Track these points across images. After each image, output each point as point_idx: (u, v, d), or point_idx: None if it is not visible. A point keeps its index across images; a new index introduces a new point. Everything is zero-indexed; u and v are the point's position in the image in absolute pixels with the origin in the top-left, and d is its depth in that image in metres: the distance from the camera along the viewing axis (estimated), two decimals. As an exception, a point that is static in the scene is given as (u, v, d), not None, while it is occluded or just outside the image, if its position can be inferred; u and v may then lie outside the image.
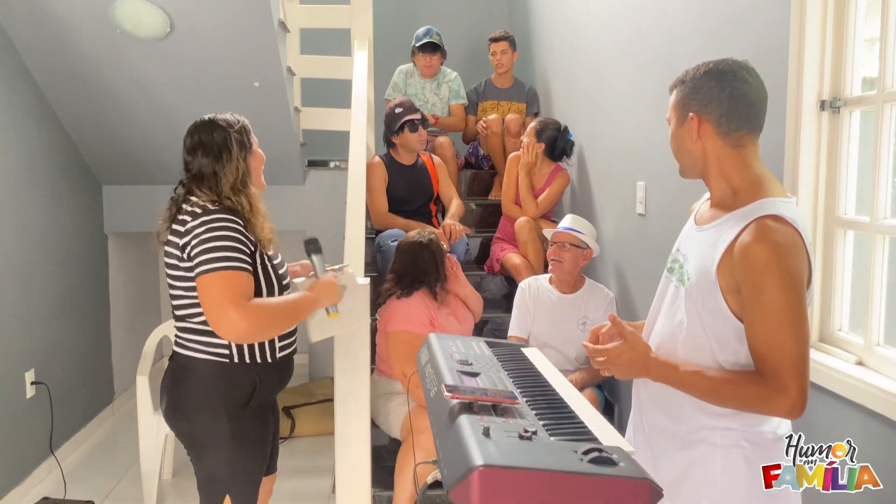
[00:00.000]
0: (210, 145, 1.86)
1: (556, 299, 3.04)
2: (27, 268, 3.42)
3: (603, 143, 3.27)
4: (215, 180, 1.84)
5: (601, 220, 3.27)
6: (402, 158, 3.69)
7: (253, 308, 1.73)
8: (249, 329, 1.72)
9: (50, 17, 3.11)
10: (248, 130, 1.95)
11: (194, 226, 1.77)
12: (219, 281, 1.71)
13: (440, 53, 4.32)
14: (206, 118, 1.92)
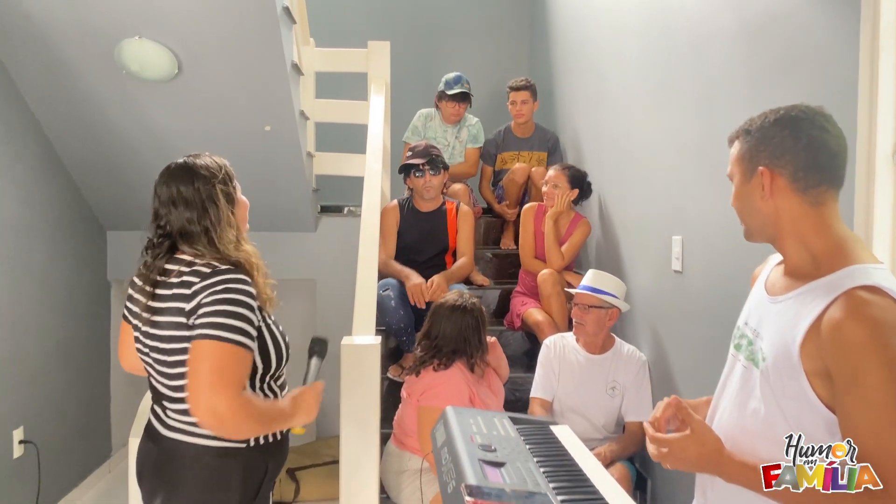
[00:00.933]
0: (191, 199, 1.60)
1: (582, 360, 2.80)
2: (22, 317, 3.24)
3: (633, 193, 3.06)
4: (207, 238, 1.59)
5: (631, 275, 3.04)
6: (420, 204, 3.50)
7: (244, 402, 1.48)
8: (229, 423, 1.46)
9: (54, 57, 2.99)
10: (232, 176, 1.69)
11: (207, 284, 1.52)
12: (222, 354, 1.47)
13: (468, 104, 4.19)
14: (182, 163, 1.65)
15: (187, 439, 1.58)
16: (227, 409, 1.44)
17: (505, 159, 4.28)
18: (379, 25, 5.24)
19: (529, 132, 4.24)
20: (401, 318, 3.20)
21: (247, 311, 1.52)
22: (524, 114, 4.14)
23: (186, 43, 2.96)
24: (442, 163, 3.41)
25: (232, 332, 1.48)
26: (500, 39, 5.60)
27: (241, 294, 1.52)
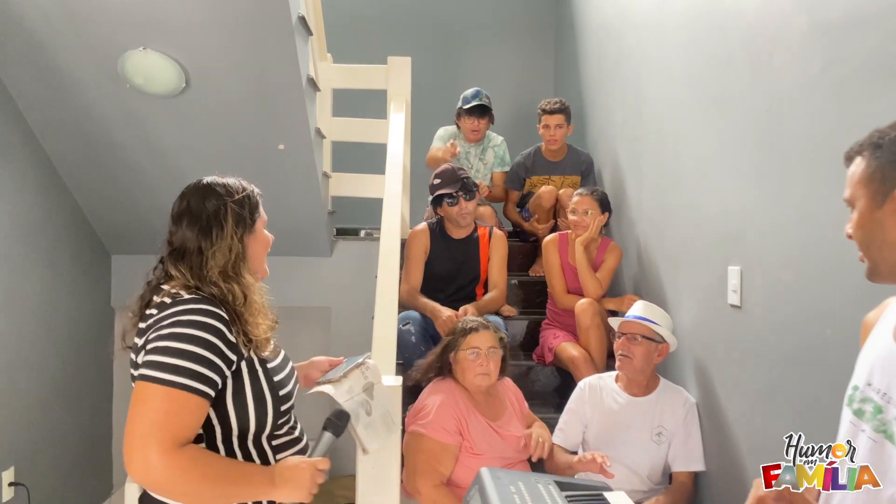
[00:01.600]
0: (198, 215, 1.45)
1: (624, 403, 2.52)
2: (16, 347, 3.02)
3: (679, 218, 2.80)
4: (200, 260, 1.40)
5: (676, 310, 2.76)
6: (451, 230, 3.25)
7: (186, 455, 1.24)
8: (162, 479, 1.23)
9: (54, 70, 2.80)
10: (254, 203, 1.51)
11: (157, 320, 1.31)
12: (156, 400, 1.24)
13: (488, 118, 3.93)
14: (202, 181, 1.51)
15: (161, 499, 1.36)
16: (158, 463, 1.20)
17: (534, 183, 4.01)
18: (398, 41, 5.03)
19: (561, 155, 3.96)
20: (421, 354, 2.92)
21: (202, 349, 1.28)
22: (557, 139, 3.85)
23: (194, 55, 2.76)
24: (473, 184, 3.18)
25: (174, 373, 1.25)
26: (526, 56, 5.39)
27: (197, 328, 1.29)
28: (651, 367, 2.51)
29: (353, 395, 1.69)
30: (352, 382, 1.72)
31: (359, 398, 1.70)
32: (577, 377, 2.95)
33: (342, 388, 1.67)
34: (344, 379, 1.70)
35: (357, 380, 1.73)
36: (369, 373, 1.77)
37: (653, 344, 2.49)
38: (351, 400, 1.67)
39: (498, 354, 2.43)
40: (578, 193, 3.20)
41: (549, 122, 3.85)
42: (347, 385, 1.69)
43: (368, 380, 1.76)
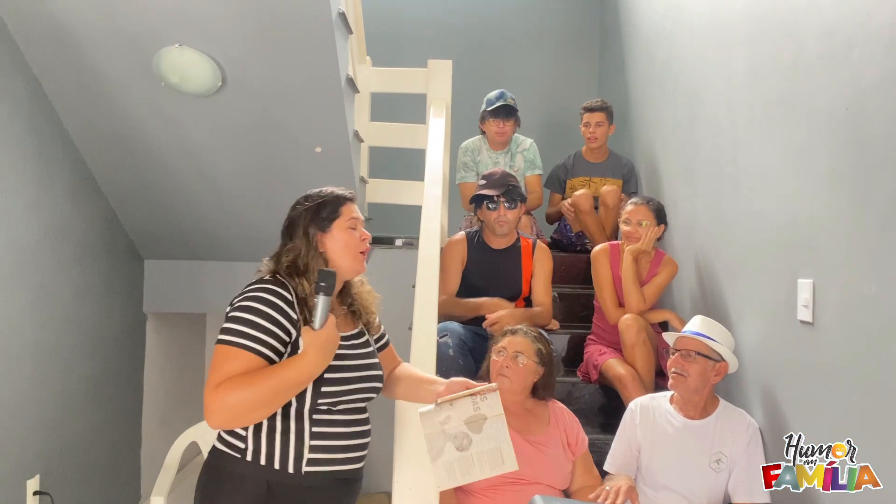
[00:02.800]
0: (288, 221, 1.72)
1: (679, 426, 2.33)
2: (45, 353, 2.95)
3: (740, 228, 2.61)
4: (279, 256, 1.68)
5: (737, 327, 2.56)
6: (490, 239, 3.08)
7: (226, 388, 1.47)
8: (223, 411, 1.48)
9: (88, 68, 2.74)
10: (333, 206, 1.70)
11: (236, 296, 1.60)
12: (218, 357, 1.52)
13: (514, 120, 3.76)
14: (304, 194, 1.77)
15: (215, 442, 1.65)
16: (210, 400, 1.46)
17: (574, 185, 3.87)
18: (437, 46, 4.93)
19: (602, 157, 3.85)
20: (459, 368, 2.77)
21: (262, 319, 1.53)
22: (598, 137, 3.77)
23: (231, 52, 2.67)
24: (520, 195, 3.00)
25: (236, 335, 1.52)
26: (568, 61, 5.24)
27: (256, 301, 1.55)
28: (708, 388, 2.32)
29: (447, 426, 1.61)
30: (453, 411, 1.62)
31: (453, 430, 1.60)
32: (625, 397, 2.78)
33: (436, 416, 1.61)
34: (447, 405, 1.62)
35: (463, 409, 1.62)
36: (484, 404, 1.63)
37: (709, 362, 2.30)
38: (439, 432, 1.60)
39: (528, 366, 2.26)
40: (633, 202, 3.02)
41: (589, 119, 3.78)
42: (445, 414, 1.61)
43: (479, 411, 1.63)
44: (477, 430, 1.61)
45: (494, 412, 1.64)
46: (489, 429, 1.62)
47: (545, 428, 2.28)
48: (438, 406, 1.62)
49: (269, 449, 1.55)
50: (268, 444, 1.56)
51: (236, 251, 3.82)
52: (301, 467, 1.56)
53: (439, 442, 1.59)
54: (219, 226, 3.62)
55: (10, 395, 2.73)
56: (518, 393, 2.26)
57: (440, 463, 1.59)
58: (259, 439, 1.56)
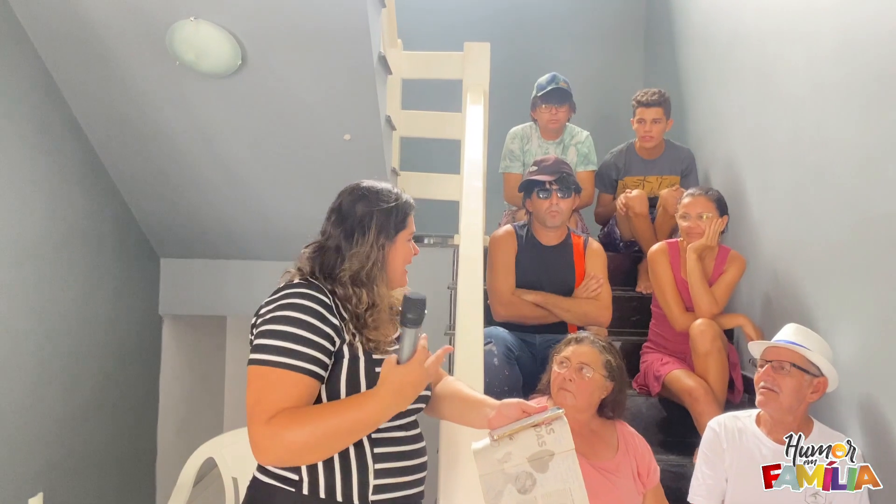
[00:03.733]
0: (346, 216, 1.46)
1: (768, 453, 1.99)
2: (51, 358, 2.71)
3: (828, 221, 2.28)
4: (335, 258, 1.44)
5: (827, 336, 2.19)
6: (541, 235, 2.77)
7: (282, 424, 1.26)
8: (275, 451, 1.28)
9: (97, 49, 2.50)
10: (403, 213, 1.50)
11: (267, 302, 1.39)
12: (264, 381, 1.30)
13: (568, 106, 3.44)
14: (360, 183, 1.52)
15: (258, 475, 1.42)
16: (263, 437, 1.26)
17: (627, 185, 3.51)
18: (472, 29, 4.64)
19: (658, 152, 3.45)
20: (505, 379, 2.48)
21: (303, 330, 1.32)
22: (654, 136, 3.35)
23: (252, 27, 2.41)
24: (574, 184, 2.69)
25: (277, 354, 1.30)
26: (611, 43, 4.90)
27: (298, 310, 1.34)
28: (803, 407, 1.99)
29: (507, 465, 1.34)
30: (513, 447, 1.35)
31: (515, 470, 1.34)
32: (696, 412, 2.46)
33: (494, 453, 1.36)
34: (507, 440, 1.35)
35: (525, 444, 1.36)
36: (550, 438, 1.36)
37: (806, 377, 1.96)
38: (498, 472, 1.34)
39: (595, 380, 1.95)
40: (690, 194, 2.70)
41: (644, 115, 3.34)
42: (505, 450, 1.35)
43: (545, 447, 1.36)
44: (542, 468, 1.35)
45: (563, 447, 1.37)
46: (557, 467, 1.36)
47: (613, 453, 1.97)
48: (496, 441, 1.36)
49: (329, 479, 1.35)
50: (326, 473, 1.35)
51: (258, 249, 3.56)
52: (368, 496, 1.36)
53: (498, 484, 1.35)
54: (239, 221, 3.36)
55: (11, 404, 2.50)
56: (582, 411, 1.95)
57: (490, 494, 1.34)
58: (315, 469, 1.35)
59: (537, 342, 2.65)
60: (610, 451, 1.98)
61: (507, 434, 1.35)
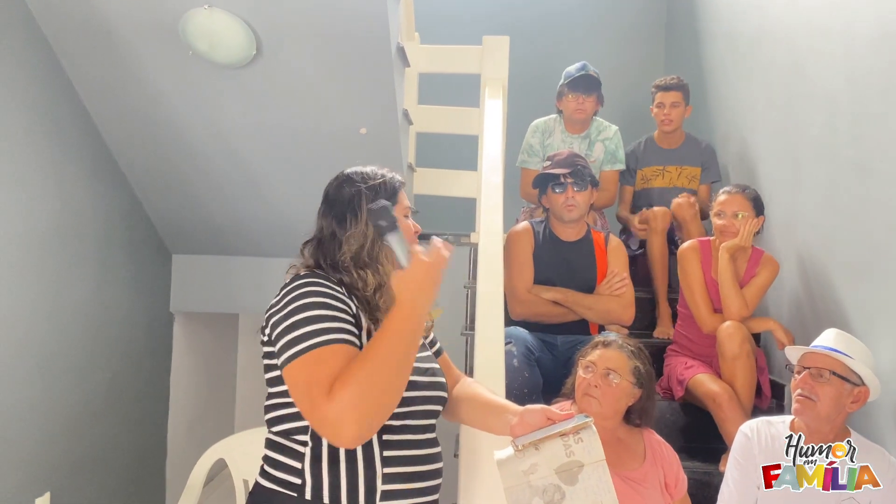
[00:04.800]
0: (334, 203, 1.44)
1: (803, 462, 1.91)
2: (59, 355, 2.65)
3: (866, 218, 2.18)
4: (333, 245, 1.41)
5: (863, 340, 2.09)
6: (560, 231, 2.68)
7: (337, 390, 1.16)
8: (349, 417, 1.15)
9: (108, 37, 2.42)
10: (391, 190, 1.45)
11: (276, 300, 1.33)
12: (307, 369, 1.21)
13: (596, 97, 3.31)
14: (342, 172, 1.51)
15: (259, 480, 1.35)
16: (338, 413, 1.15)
17: (646, 176, 3.42)
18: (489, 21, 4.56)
19: (678, 142, 3.38)
20: (524, 381, 2.39)
21: (324, 310, 1.27)
22: (673, 119, 3.30)
23: (267, 15, 2.33)
24: (590, 176, 2.60)
25: (310, 338, 1.23)
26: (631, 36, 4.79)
27: (312, 295, 1.29)
28: (842, 417, 1.89)
29: (534, 477, 1.25)
30: (539, 458, 1.26)
31: (542, 482, 1.25)
32: (721, 419, 2.38)
33: (518, 464, 1.27)
34: (533, 450, 1.26)
35: (552, 454, 1.27)
36: (579, 448, 1.27)
37: (846, 386, 1.86)
38: (524, 484, 1.25)
39: (622, 386, 1.87)
40: (726, 191, 2.60)
41: (663, 99, 3.31)
42: (531, 461, 1.26)
43: (574, 457, 1.27)
44: (571, 480, 1.26)
45: (593, 458, 1.28)
46: (587, 479, 1.27)
47: (640, 463, 1.88)
48: (521, 451, 1.27)
49: (334, 484, 1.26)
50: (331, 476, 1.27)
51: (271, 246, 3.49)
52: (374, 499, 1.27)
53: (524, 497, 1.26)
54: (252, 217, 3.29)
55: (18, 402, 2.43)
56: (608, 418, 1.86)
57: (511, 496, 1.26)
58: (319, 471, 1.27)
59: (559, 343, 2.56)
60: (637, 460, 1.89)
61: (532, 444, 1.27)
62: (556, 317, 2.58)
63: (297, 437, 1.29)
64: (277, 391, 1.32)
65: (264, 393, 1.38)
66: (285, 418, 1.30)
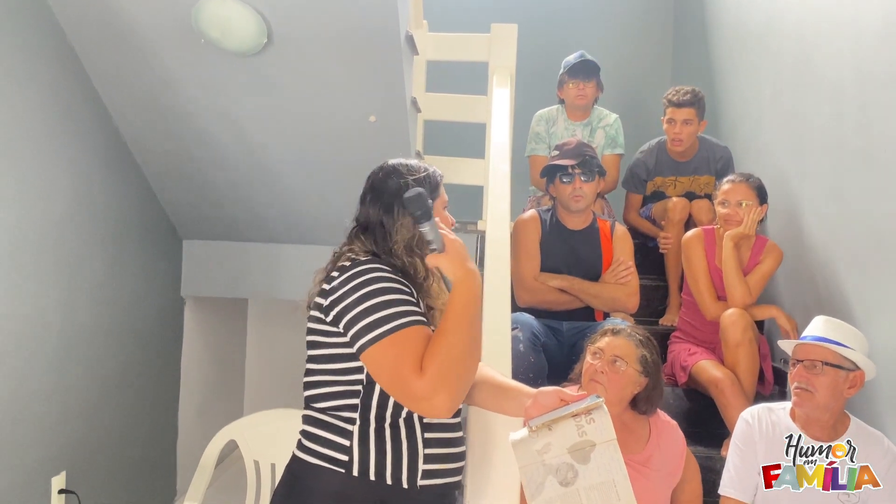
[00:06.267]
0: (380, 193, 1.47)
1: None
2: (72, 338, 2.69)
3: (869, 209, 2.21)
4: (384, 233, 1.44)
5: (866, 328, 2.13)
6: (566, 219, 2.72)
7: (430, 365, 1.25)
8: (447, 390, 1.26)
9: (122, 25, 2.45)
10: (434, 183, 1.51)
11: (340, 283, 1.36)
12: (392, 350, 1.28)
13: (595, 82, 3.35)
14: (386, 162, 1.54)
15: (302, 455, 1.40)
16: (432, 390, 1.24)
17: (658, 185, 3.36)
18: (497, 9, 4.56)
19: (691, 154, 3.25)
20: (530, 366, 2.43)
21: (394, 294, 1.33)
22: (684, 139, 3.13)
23: (278, 4, 2.35)
24: (597, 166, 2.63)
25: (390, 321, 1.29)
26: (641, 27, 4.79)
27: (382, 281, 1.34)
28: (840, 404, 1.92)
29: (547, 456, 1.30)
30: (552, 438, 1.30)
31: (555, 461, 1.29)
32: (723, 405, 2.42)
33: (532, 444, 1.31)
34: (546, 430, 1.30)
35: (565, 434, 1.31)
36: (591, 428, 1.31)
37: (841, 373, 1.89)
38: (538, 463, 1.30)
39: (628, 374, 1.90)
40: (730, 180, 2.63)
41: (675, 115, 3.12)
42: (544, 441, 1.30)
43: (586, 437, 1.31)
44: (584, 459, 1.30)
45: (605, 437, 1.32)
46: (599, 458, 1.31)
47: (643, 445, 1.92)
48: (535, 431, 1.32)
49: (380, 461, 1.34)
50: (377, 455, 1.34)
51: (281, 232, 3.54)
52: (416, 481, 1.35)
53: (538, 476, 1.30)
54: (262, 203, 3.33)
55: (34, 383, 2.48)
56: (613, 404, 1.90)
57: (542, 501, 1.29)
58: (367, 450, 1.34)
59: (564, 329, 2.60)
60: (640, 443, 1.93)
61: (545, 424, 1.32)
62: (563, 304, 2.61)
63: (344, 415, 1.36)
64: (323, 368, 1.38)
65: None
66: (332, 395, 1.37)
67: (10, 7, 2.27)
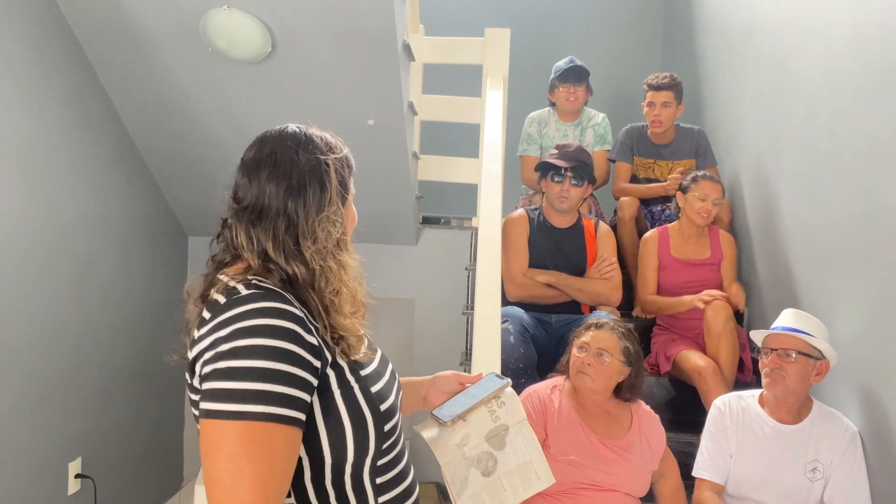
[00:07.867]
0: (287, 168, 1.06)
1: (770, 432, 2.10)
2: (86, 331, 2.83)
3: (837, 210, 2.35)
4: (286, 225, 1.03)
5: (828, 319, 2.28)
6: (553, 218, 2.87)
7: None
8: None
9: (134, 34, 2.58)
10: (350, 167, 1.15)
11: (209, 330, 0.96)
12: (233, 443, 0.89)
13: (585, 86, 3.50)
14: (287, 128, 1.14)
15: None
16: None
17: (637, 166, 3.56)
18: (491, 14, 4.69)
19: (668, 139, 3.43)
20: (520, 357, 2.58)
21: (281, 363, 0.92)
22: (663, 121, 3.30)
23: (281, 15, 2.48)
24: (589, 174, 2.77)
25: (252, 402, 0.90)
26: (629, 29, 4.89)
27: (266, 335, 0.93)
28: (806, 388, 2.09)
29: (467, 448, 1.25)
30: (469, 428, 1.26)
31: (475, 452, 1.25)
32: (704, 391, 2.56)
33: (450, 438, 1.25)
34: (461, 421, 1.26)
35: (479, 422, 1.27)
36: (502, 411, 1.29)
37: (810, 361, 2.05)
38: (458, 458, 1.24)
39: (612, 365, 2.05)
40: (710, 178, 2.87)
41: (654, 98, 3.31)
42: (461, 433, 1.25)
43: (500, 421, 1.28)
44: (500, 445, 1.27)
45: (516, 418, 1.29)
46: (514, 440, 1.28)
47: (625, 431, 2.07)
48: (451, 425, 1.26)
49: None
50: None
51: (282, 229, 3.66)
52: None
53: (462, 471, 1.24)
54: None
55: (51, 374, 2.63)
56: (599, 393, 2.05)
57: (467, 497, 1.23)
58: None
59: (553, 321, 2.75)
60: (622, 429, 2.08)
61: (459, 416, 1.27)
62: (550, 298, 2.76)
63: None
64: None
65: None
66: None
67: (31, 21, 2.40)
